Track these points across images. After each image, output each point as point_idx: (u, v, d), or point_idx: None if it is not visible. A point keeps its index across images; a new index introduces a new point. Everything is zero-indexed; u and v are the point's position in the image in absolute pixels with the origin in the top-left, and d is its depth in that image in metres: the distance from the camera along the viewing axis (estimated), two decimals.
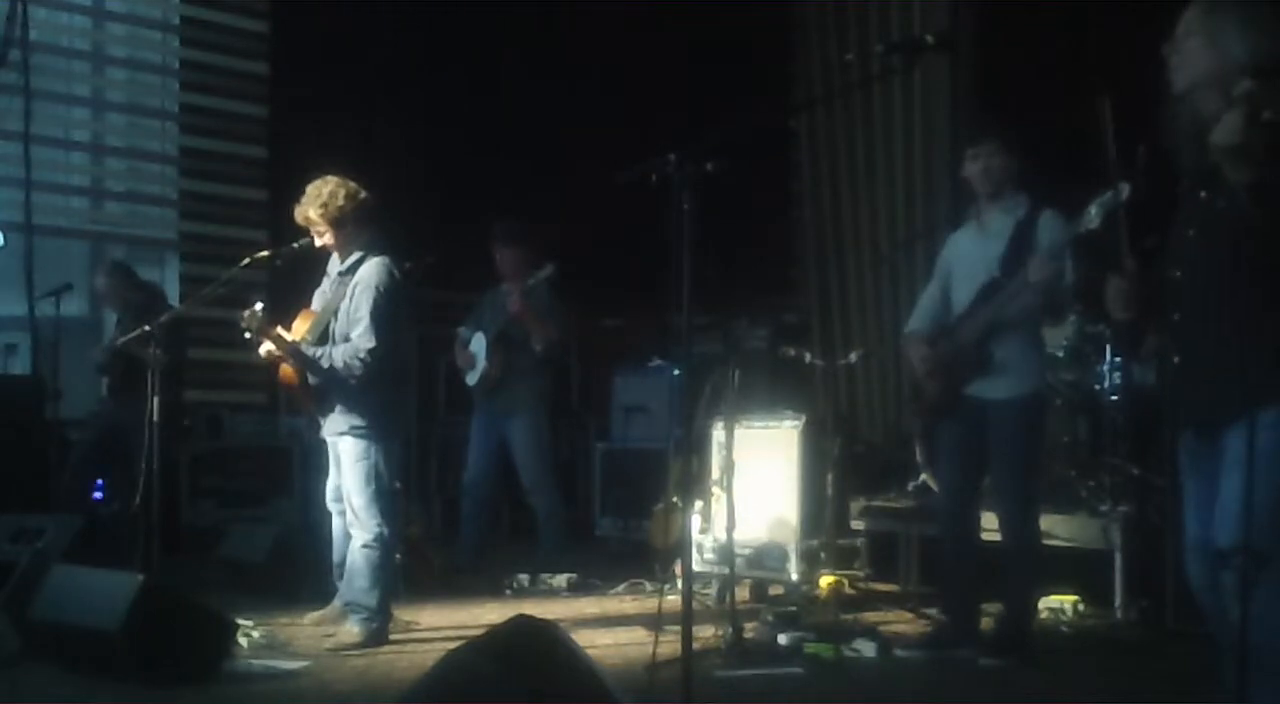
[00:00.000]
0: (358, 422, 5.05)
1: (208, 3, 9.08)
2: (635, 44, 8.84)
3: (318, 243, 5.21)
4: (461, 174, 8.98)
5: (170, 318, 5.80)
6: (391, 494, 5.12)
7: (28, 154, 8.02)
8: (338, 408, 5.08)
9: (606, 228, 7.73)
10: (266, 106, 9.14)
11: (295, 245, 5.26)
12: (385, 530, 5.04)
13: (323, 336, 5.16)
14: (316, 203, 5.10)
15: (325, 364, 5.03)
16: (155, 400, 5.11)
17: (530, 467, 6.99)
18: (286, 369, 5.15)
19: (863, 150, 8.56)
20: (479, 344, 7.12)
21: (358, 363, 4.98)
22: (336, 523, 5.29)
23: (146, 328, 5.40)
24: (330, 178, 5.15)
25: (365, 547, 5.02)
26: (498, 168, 8.88)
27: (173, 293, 8.78)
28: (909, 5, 8.11)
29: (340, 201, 5.09)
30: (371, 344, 4.97)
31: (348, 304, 5.11)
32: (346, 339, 5.06)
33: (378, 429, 5.05)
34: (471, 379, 7.15)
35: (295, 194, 5.22)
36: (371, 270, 5.10)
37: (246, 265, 5.48)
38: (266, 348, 5.07)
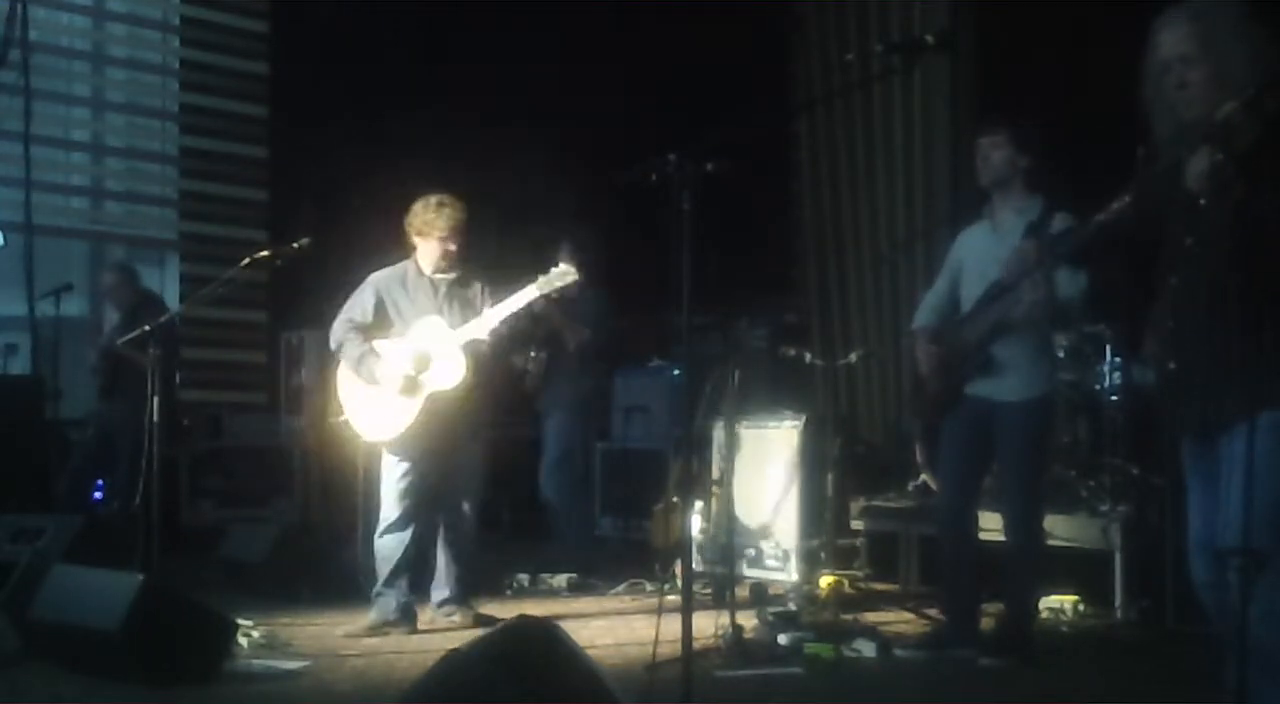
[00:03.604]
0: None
1: (208, 3, 9.09)
2: (635, 44, 8.84)
3: (450, 248, 5.28)
4: (461, 174, 8.96)
5: (168, 319, 5.80)
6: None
7: (28, 154, 8.02)
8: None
9: (607, 228, 7.72)
10: (266, 106, 9.15)
11: (295, 245, 5.27)
12: None
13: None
14: (463, 215, 5.28)
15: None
16: (155, 400, 5.12)
17: (549, 465, 7.06)
18: None
19: (863, 150, 8.56)
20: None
21: None
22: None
23: (146, 328, 5.41)
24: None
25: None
26: (498, 167, 8.87)
27: (173, 293, 8.78)
28: (909, 5, 8.10)
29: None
30: None
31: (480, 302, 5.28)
32: None
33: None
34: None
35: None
36: (482, 276, 5.36)
37: (246, 265, 5.48)
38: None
